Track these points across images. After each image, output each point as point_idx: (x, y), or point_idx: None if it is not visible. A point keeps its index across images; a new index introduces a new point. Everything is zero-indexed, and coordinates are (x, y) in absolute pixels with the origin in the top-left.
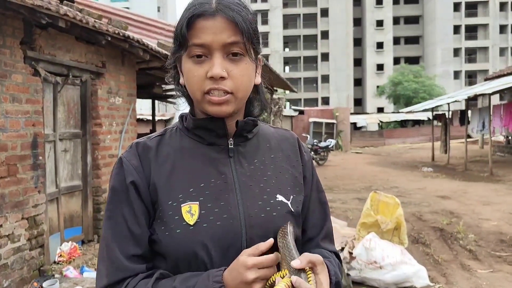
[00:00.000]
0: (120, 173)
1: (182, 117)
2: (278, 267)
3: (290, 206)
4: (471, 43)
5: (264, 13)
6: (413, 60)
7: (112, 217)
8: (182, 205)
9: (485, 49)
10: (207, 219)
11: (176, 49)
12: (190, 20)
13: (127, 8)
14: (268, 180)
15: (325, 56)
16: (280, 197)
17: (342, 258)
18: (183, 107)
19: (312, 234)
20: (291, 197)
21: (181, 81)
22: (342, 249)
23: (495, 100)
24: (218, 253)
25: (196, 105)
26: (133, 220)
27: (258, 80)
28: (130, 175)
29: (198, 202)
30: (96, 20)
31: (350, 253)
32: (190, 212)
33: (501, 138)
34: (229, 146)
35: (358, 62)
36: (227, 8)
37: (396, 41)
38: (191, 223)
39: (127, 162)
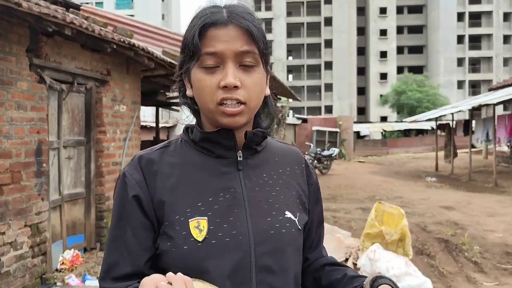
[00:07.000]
0: (123, 188)
1: (187, 129)
2: None
3: (298, 224)
4: (475, 53)
5: (268, 22)
6: (417, 70)
7: (114, 238)
8: (190, 220)
9: (488, 59)
10: (215, 236)
11: (186, 59)
12: (203, 29)
13: (132, 15)
14: (276, 196)
15: (329, 65)
16: (288, 214)
17: None
18: (188, 116)
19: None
20: (298, 214)
21: (188, 93)
22: (346, 260)
23: (499, 110)
24: (227, 271)
25: (208, 116)
26: (133, 238)
27: (268, 91)
28: (132, 190)
29: (206, 217)
30: (102, 28)
31: (354, 264)
32: (199, 227)
33: (505, 149)
34: (238, 159)
35: (362, 71)
36: (240, 17)
37: (400, 50)
38: (200, 239)
39: (130, 177)
